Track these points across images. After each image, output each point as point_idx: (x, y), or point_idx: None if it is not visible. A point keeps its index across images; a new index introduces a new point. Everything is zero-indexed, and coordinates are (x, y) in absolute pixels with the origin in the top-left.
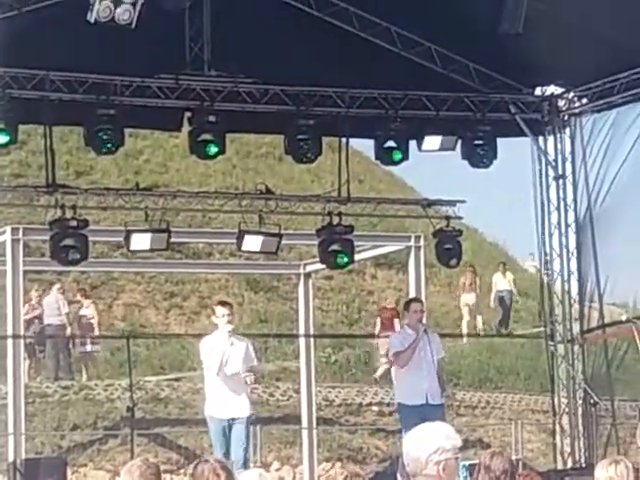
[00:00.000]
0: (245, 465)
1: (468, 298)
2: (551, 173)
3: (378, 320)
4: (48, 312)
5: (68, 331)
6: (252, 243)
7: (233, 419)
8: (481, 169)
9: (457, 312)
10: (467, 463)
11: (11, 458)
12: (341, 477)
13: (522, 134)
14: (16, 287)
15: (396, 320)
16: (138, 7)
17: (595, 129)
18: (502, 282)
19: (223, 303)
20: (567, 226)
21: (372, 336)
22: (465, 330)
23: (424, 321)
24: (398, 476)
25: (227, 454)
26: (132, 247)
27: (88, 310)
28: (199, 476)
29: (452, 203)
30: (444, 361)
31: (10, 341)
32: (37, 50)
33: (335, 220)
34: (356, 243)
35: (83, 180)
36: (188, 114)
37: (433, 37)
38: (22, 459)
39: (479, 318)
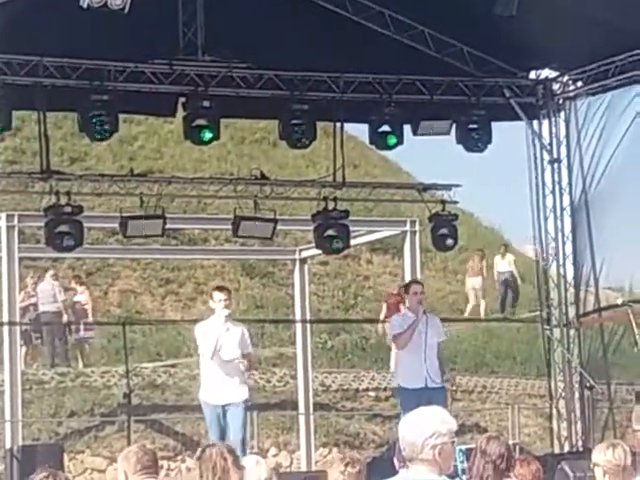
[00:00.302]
0: (243, 449)
1: (475, 282)
2: (546, 157)
3: (384, 306)
4: (43, 299)
5: (64, 318)
6: (255, 229)
7: (229, 404)
8: (476, 153)
9: (452, 297)
10: (464, 447)
11: (8, 445)
12: (342, 463)
13: (517, 118)
14: (11, 274)
15: (402, 306)
16: None
17: (590, 112)
18: (502, 264)
19: (221, 288)
20: (562, 210)
21: (369, 321)
22: (467, 314)
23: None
24: (395, 461)
25: (222, 439)
26: (128, 233)
27: (82, 296)
28: (207, 459)
29: (448, 187)
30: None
31: (6, 328)
32: (30, 36)
33: (330, 205)
34: (351, 228)
35: (77, 166)
36: (182, 99)
37: (427, 21)
38: (19, 446)
39: (483, 302)
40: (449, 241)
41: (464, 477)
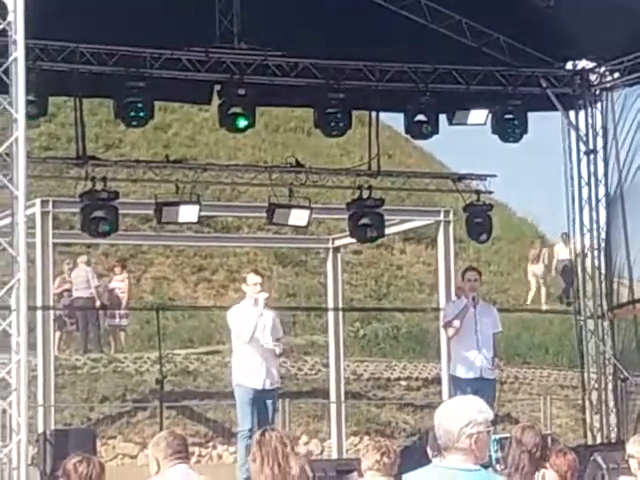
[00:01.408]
0: None
1: (536, 268)
2: (582, 148)
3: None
4: (77, 285)
5: (97, 304)
6: (294, 217)
7: (262, 390)
8: (511, 144)
9: (485, 287)
10: (497, 437)
11: (40, 429)
12: (378, 452)
13: (553, 108)
14: (45, 259)
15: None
16: None
17: (627, 103)
18: (564, 251)
19: (255, 272)
20: (597, 201)
21: (401, 310)
22: (529, 302)
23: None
24: (428, 449)
25: (253, 423)
26: (180, 219)
27: (120, 283)
28: (266, 443)
29: (482, 177)
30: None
31: (40, 313)
32: (67, 22)
33: (365, 194)
34: (385, 217)
35: (112, 153)
36: (218, 87)
37: (464, 10)
38: (52, 430)
39: (544, 289)
40: (483, 231)
41: (498, 466)
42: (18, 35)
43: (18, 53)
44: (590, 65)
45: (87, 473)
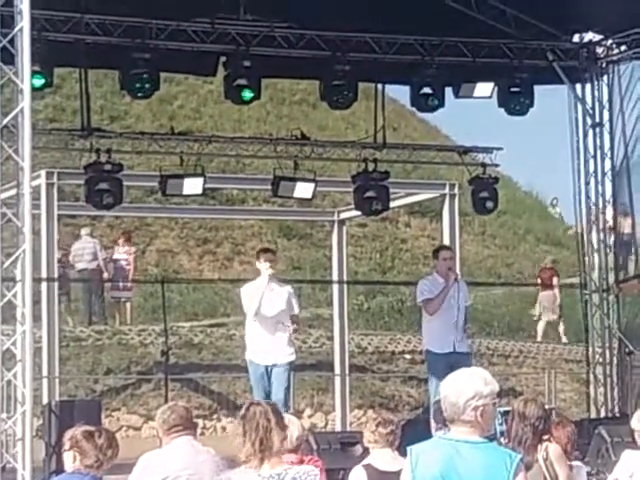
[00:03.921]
0: (286, 407)
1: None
2: (588, 121)
3: (539, 280)
4: (82, 257)
5: (105, 276)
6: (300, 190)
7: (274, 365)
8: (517, 117)
9: (490, 261)
10: (502, 410)
11: (45, 401)
12: (373, 423)
13: (559, 81)
14: (50, 231)
15: (555, 279)
16: None
17: (633, 77)
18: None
19: (267, 250)
20: (603, 174)
21: (406, 283)
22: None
23: (457, 270)
24: (432, 422)
25: (267, 398)
26: (185, 192)
27: (125, 255)
28: (250, 418)
29: (488, 150)
30: (471, 308)
31: (44, 285)
32: None
33: (370, 167)
34: (390, 190)
35: (117, 125)
36: (223, 59)
37: None
38: (57, 401)
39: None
40: (489, 204)
41: (502, 439)
42: (24, 5)
43: (24, 23)
44: (597, 38)
45: (101, 443)
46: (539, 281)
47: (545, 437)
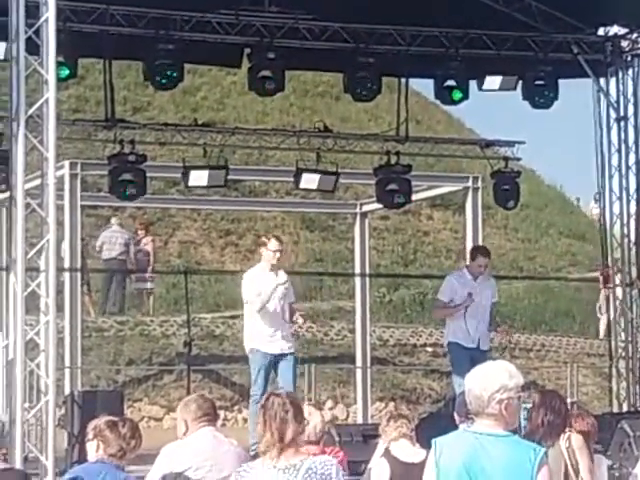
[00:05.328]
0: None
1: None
2: (613, 114)
3: (600, 278)
4: (113, 245)
5: (130, 266)
6: (310, 181)
7: (281, 354)
8: (541, 110)
9: (512, 254)
10: (527, 406)
11: (67, 391)
12: (385, 417)
13: (584, 75)
14: (74, 222)
15: (617, 275)
16: None
17: None
18: None
19: (277, 237)
20: (628, 168)
21: (428, 276)
22: None
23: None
24: (455, 415)
25: (265, 387)
26: (190, 183)
27: (146, 246)
28: (269, 408)
29: (511, 144)
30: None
31: (67, 275)
32: None
33: (393, 159)
34: (413, 183)
35: (140, 116)
36: (247, 50)
37: None
38: (80, 391)
39: None
40: (511, 198)
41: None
42: None
43: (49, 14)
44: (622, 31)
45: (124, 433)
46: (601, 278)
47: (567, 428)
